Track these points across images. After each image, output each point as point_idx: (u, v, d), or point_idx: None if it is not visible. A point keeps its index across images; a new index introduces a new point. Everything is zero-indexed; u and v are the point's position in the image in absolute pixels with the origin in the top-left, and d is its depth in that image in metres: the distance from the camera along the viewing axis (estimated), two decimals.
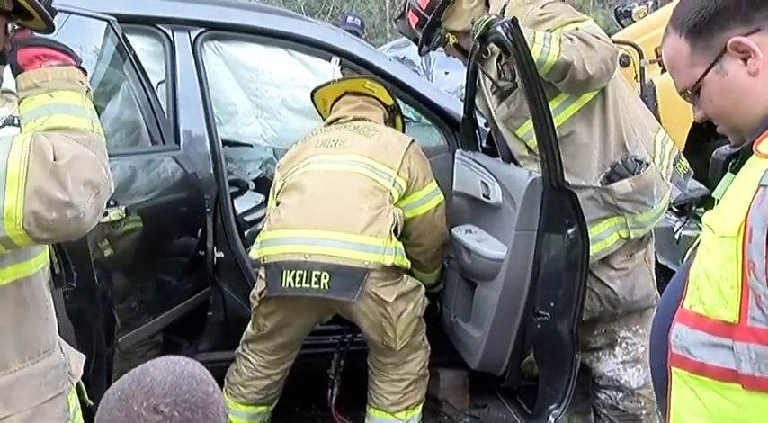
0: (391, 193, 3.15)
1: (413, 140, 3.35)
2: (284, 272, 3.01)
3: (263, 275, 3.09)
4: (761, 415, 1.34)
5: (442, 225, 3.37)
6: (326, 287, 2.99)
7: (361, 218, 3.04)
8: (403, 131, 3.63)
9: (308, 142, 3.34)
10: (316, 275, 2.98)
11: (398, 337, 3.11)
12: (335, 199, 3.09)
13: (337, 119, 3.46)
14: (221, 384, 3.03)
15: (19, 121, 1.68)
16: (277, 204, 3.20)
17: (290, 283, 3.00)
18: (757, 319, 1.31)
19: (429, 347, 3.28)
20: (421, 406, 3.31)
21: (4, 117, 2.11)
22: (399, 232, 3.15)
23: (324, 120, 3.60)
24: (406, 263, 3.12)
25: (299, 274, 2.99)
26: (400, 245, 3.10)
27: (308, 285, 2.99)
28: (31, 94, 1.61)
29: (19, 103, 1.64)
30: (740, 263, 1.32)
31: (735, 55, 1.42)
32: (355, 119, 3.41)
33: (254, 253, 3.18)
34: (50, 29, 1.71)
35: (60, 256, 1.80)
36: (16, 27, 1.67)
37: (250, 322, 3.25)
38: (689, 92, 1.49)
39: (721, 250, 1.35)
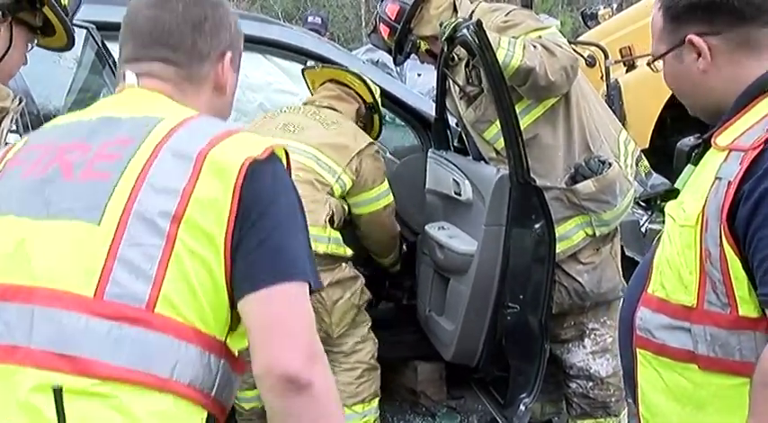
0: (332, 188, 3.14)
1: (371, 142, 3.34)
2: None
3: None
4: (715, 393, 1.41)
5: (390, 223, 3.42)
6: None
7: None
8: (379, 131, 3.63)
9: (275, 119, 3.32)
10: None
11: (335, 323, 3.09)
12: None
13: (313, 101, 3.47)
14: None
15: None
16: None
17: None
18: (713, 303, 1.39)
19: (377, 341, 3.28)
20: (377, 400, 3.29)
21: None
22: (337, 222, 3.13)
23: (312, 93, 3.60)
24: (343, 251, 3.11)
25: None
26: (336, 234, 3.08)
27: None
28: None
29: None
30: (698, 251, 1.39)
31: (691, 49, 1.49)
32: (327, 106, 3.40)
33: None
34: (71, 45, 1.70)
35: None
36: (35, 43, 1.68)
37: None
38: (654, 60, 1.57)
39: (681, 239, 1.42)
